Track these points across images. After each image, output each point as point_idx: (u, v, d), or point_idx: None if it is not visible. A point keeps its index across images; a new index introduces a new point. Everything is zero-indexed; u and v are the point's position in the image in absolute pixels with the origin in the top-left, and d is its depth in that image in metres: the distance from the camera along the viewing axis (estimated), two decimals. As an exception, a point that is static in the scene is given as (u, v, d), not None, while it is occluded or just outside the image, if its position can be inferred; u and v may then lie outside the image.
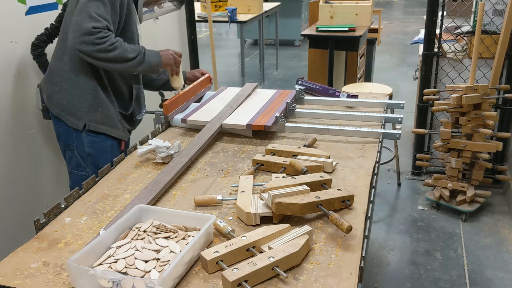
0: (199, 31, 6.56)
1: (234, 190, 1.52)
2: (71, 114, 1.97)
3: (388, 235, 2.93)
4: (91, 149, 2.00)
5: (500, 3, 3.11)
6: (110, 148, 2.03)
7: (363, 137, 1.88)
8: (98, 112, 1.97)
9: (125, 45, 1.86)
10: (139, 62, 1.88)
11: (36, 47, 2.17)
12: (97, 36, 1.78)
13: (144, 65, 1.90)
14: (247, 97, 2.27)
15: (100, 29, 1.79)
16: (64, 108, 1.97)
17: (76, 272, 1.06)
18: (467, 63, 3.26)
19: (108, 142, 2.02)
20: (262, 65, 6.13)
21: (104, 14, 1.82)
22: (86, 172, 2.03)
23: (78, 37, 1.78)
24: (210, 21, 4.15)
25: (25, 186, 2.30)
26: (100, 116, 1.98)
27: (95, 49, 1.79)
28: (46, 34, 2.17)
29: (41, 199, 2.40)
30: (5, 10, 2.10)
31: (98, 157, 2.01)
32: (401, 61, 7.19)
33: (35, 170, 2.35)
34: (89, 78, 1.95)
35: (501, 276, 2.52)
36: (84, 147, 2.00)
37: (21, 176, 2.27)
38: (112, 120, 2.02)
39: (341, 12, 4.37)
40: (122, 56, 1.84)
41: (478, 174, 2.99)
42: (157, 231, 1.23)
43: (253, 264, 1.08)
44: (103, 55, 1.81)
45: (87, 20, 1.78)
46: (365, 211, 1.37)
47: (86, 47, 1.78)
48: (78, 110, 1.96)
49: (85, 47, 1.78)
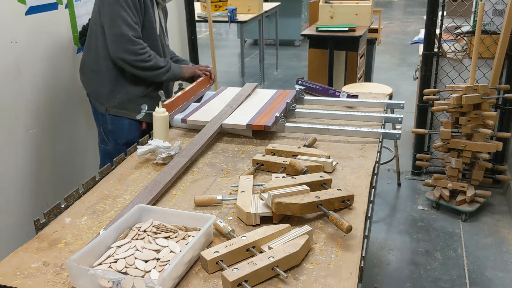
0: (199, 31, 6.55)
1: (234, 190, 1.52)
2: (95, 100, 2.28)
3: (388, 235, 2.93)
4: (112, 126, 2.27)
5: (500, 3, 3.11)
6: (129, 127, 2.26)
7: (363, 137, 1.88)
8: (116, 98, 2.22)
9: (157, 57, 2.18)
10: (166, 70, 2.21)
11: (81, 35, 2.47)
12: (139, 47, 2.09)
13: (169, 74, 2.23)
14: (247, 97, 2.27)
15: (138, 38, 2.10)
16: (90, 93, 2.31)
17: (76, 272, 1.06)
18: (467, 63, 3.26)
19: (126, 121, 2.25)
20: (262, 65, 6.13)
21: (134, 18, 2.09)
22: (107, 146, 2.31)
23: (121, 47, 2.07)
24: (210, 21, 4.15)
25: (25, 186, 2.30)
26: (118, 102, 2.23)
27: (136, 59, 2.10)
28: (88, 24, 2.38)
29: (41, 199, 2.40)
30: (5, 10, 2.10)
31: (118, 134, 2.27)
32: (401, 61, 7.19)
33: (35, 170, 2.35)
34: (110, 69, 2.18)
35: (501, 276, 2.52)
36: (107, 124, 2.27)
37: (21, 176, 2.27)
38: (131, 105, 2.22)
39: (341, 12, 4.37)
40: (155, 65, 2.16)
41: (478, 174, 2.99)
42: (157, 231, 1.23)
43: (253, 264, 1.08)
44: (141, 64, 2.12)
45: (126, 28, 2.06)
46: (365, 211, 1.37)
47: (129, 56, 2.09)
48: (100, 97, 2.25)
49: (128, 57, 2.09)
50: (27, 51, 2.20)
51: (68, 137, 2.55)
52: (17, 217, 2.25)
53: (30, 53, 2.23)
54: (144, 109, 2.23)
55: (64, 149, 2.52)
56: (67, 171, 2.56)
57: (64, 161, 2.53)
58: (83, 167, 2.70)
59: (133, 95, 2.24)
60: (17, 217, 2.25)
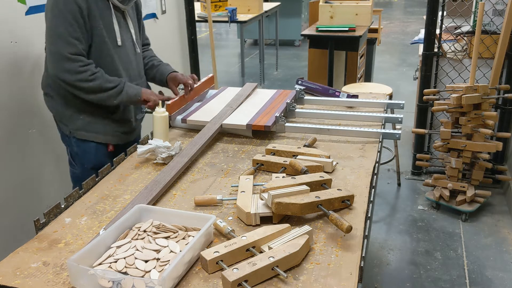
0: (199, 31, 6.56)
1: (234, 190, 1.52)
2: (59, 120, 2.05)
3: (388, 235, 2.93)
4: (78, 149, 2.05)
5: (500, 3, 3.11)
6: (95, 150, 2.05)
7: (363, 137, 1.88)
8: (80, 119, 2.00)
9: (106, 76, 1.89)
10: (117, 93, 1.91)
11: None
12: (78, 65, 1.83)
13: (121, 96, 1.92)
14: (247, 97, 2.27)
15: (78, 55, 1.83)
16: (55, 115, 2.06)
17: (76, 272, 1.06)
18: (467, 63, 3.26)
19: (92, 144, 2.04)
20: (262, 65, 6.13)
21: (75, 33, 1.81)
22: (75, 169, 2.09)
23: (58, 66, 1.83)
24: (210, 21, 4.15)
25: (25, 186, 2.30)
26: (82, 123, 2.00)
27: (76, 78, 1.84)
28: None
29: (41, 199, 2.39)
30: (5, 10, 2.10)
31: (84, 157, 2.05)
32: (401, 61, 7.19)
33: (35, 170, 2.35)
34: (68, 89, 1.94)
35: (501, 276, 2.52)
36: (73, 147, 2.06)
37: (21, 176, 2.27)
38: (96, 126, 2.02)
39: (341, 12, 4.37)
40: (101, 86, 1.87)
41: (478, 174, 2.99)
42: (157, 231, 1.23)
43: (253, 264, 1.08)
44: (83, 85, 1.85)
45: (62, 45, 1.80)
46: (365, 211, 1.37)
47: (69, 76, 1.83)
48: (63, 118, 2.02)
49: (68, 77, 1.83)
50: (27, 51, 2.20)
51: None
52: (17, 217, 2.25)
53: (30, 53, 2.23)
54: (143, 109, 2.23)
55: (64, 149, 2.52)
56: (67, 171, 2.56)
57: (64, 161, 2.53)
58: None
59: (99, 116, 2.01)
60: (17, 217, 2.25)
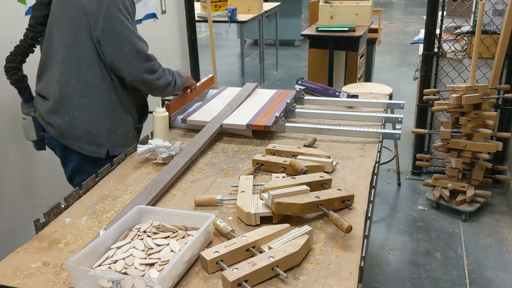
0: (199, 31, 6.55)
1: (234, 190, 1.52)
2: (89, 143, 1.82)
3: (388, 235, 2.93)
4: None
5: (500, 3, 3.11)
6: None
7: (363, 137, 1.88)
8: (118, 134, 1.85)
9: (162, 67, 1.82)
10: (174, 83, 1.87)
11: (14, 69, 1.85)
12: (155, 63, 1.75)
13: (176, 86, 1.89)
14: (247, 97, 2.26)
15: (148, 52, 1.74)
16: (79, 138, 1.81)
17: (76, 273, 1.06)
18: (467, 63, 3.26)
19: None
20: (262, 65, 6.13)
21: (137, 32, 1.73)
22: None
23: (141, 66, 1.71)
24: (210, 21, 4.14)
25: (25, 186, 2.30)
26: (120, 138, 1.86)
27: (154, 77, 1.75)
28: (20, 53, 1.86)
29: (41, 199, 2.40)
30: (5, 10, 2.10)
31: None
32: (401, 61, 7.19)
33: (35, 170, 2.35)
34: (104, 101, 1.80)
35: (501, 276, 2.52)
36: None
37: (21, 176, 2.27)
38: (131, 139, 1.92)
39: (341, 12, 4.37)
40: (167, 80, 1.82)
41: (478, 174, 2.99)
42: (157, 231, 1.23)
43: (253, 264, 1.08)
44: (158, 83, 1.77)
45: (140, 43, 1.70)
46: (365, 211, 1.37)
47: (148, 76, 1.73)
48: (97, 138, 1.81)
49: (147, 76, 1.73)
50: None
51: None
52: (17, 217, 2.25)
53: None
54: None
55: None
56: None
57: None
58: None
59: (130, 128, 1.91)
60: (17, 217, 2.25)
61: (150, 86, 1.79)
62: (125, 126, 1.88)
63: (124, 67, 1.72)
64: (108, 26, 1.68)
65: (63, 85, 1.77)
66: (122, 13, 1.69)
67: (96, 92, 1.78)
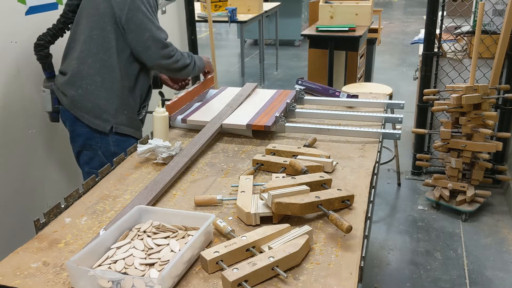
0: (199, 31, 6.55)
1: (234, 190, 1.52)
2: (97, 117, 1.98)
3: (388, 235, 2.93)
4: (116, 148, 2.02)
5: (500, 3, 3.11)
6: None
7: (363, 137, 1.88)
8: (124, 114, 2.02)
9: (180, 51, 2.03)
10: (193, 65, 2.08)
11: (42, 47, 2.09)
12: (171, 49, 1.96)
13: (195, 68, 2.10)
14: (247, 97, 2.26)
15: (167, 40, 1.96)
16: (88, 111, 1.98)
17: (76, 273, 1.06)
18: (467, 63, 3.26)
19: (132, 141, 2.02)
20: (262, 65, 6.13)
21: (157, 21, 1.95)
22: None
23: (158, 52, 1.93)
24: (210, 21, 4.14)
25: (25, 186, 2.30)
26: (125, 118, 2.03)
27: (171, 61, 1.97)
28: (50, 35, 2.10)
29: (41, 199, 2.40)
30: (5, 10, 2.10)
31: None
32: (401, 61, 7.19)
33: (35, 170, 2.35)
34: (115, 82, 1.98)
35: (501, 276, 2.52)
36: (110, 147, 2.03)
37: (21, 176, 2.27)
38: (136, 122, 2.09)
39: (341, 12, 4.37)
40: (185, 63, 2.03)
41: (478, 174, 2.99)
42: (157, 231, 1.23)
43: (253, 264, 1.08)
44: (175, 66, 1.99)
45: (159, 32, 1.93)
46: (365, 211, 1.37)
47: (165, 61, 1.96)
48: (104, 113, 1.98)
49: (164, 61, 1.96)
50: (27, 51, 2.20)
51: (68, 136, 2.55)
52: (17, 217, 2.25)
53: (30, 53, 2.23)
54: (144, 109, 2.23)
55: (64, 148, 2.52)
56: (67, 171, 2.56)
57: (64, 161, 2.53)
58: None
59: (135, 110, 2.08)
60: (17, 217, 2.25)
61: (169, 68, 2.01)
62: (132, 109, 2.06)
63: (143, 53, 1.95)
64: (132, 15, 1.91)
65: (81, 61, 1.97)
66: (144, 5, 1.93)
67: (110, 73, 1.97)
